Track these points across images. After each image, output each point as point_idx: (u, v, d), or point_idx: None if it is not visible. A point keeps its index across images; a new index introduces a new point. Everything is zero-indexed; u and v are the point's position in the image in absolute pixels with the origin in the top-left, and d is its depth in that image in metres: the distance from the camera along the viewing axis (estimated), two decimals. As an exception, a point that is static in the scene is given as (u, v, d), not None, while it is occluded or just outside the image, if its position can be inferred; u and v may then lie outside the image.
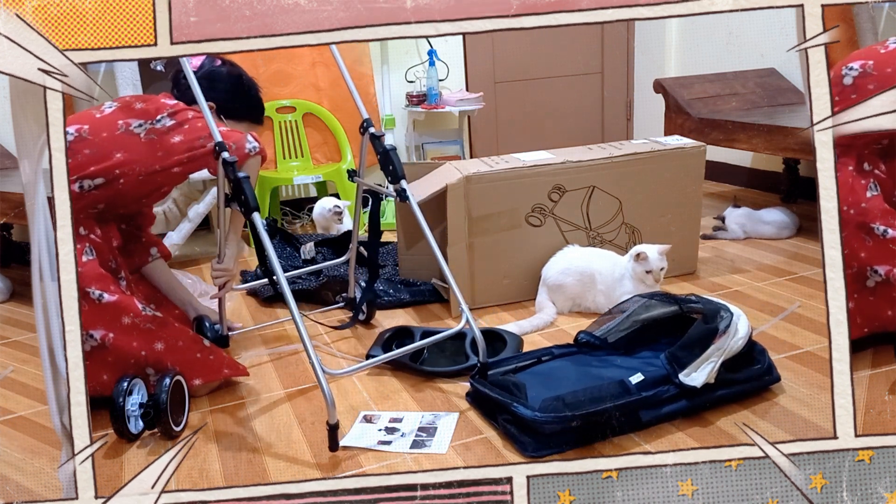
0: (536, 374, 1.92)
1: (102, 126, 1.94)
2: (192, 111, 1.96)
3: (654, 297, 2.06)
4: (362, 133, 2.15)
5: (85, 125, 1.93)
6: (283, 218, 3.97)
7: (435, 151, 4.05)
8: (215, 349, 1.99)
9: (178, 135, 1.94)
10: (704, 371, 1.73)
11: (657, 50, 4.25)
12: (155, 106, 1.98)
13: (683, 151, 2.65)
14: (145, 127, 1.94)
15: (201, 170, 1.99)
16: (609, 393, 1.69)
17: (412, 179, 2.64)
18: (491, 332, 2.22)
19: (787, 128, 3.00)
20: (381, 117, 3.94)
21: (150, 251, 2.21)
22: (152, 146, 1.93)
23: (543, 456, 1.61)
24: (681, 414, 1.72)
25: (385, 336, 2.23)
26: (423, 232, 1.99)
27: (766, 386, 1.82)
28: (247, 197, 1.76)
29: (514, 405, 1.68)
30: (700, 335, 1.78)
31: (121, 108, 1.98)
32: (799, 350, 2.01)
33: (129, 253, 2.17)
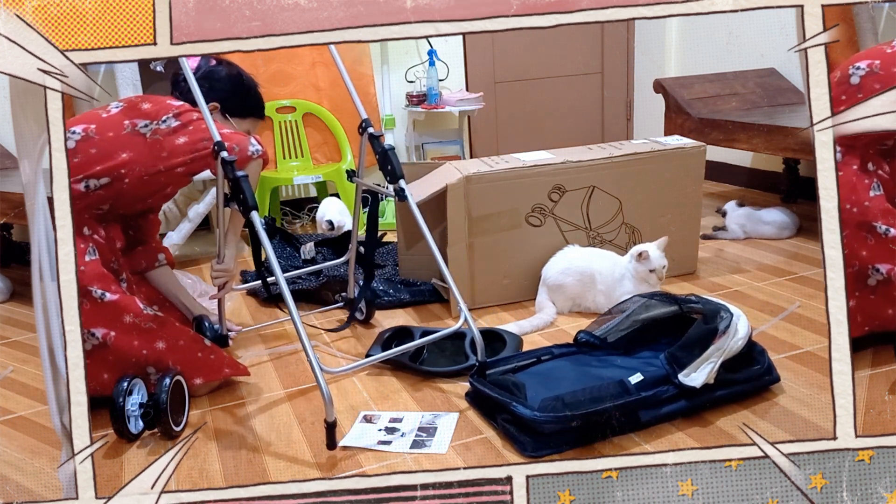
0: (536, 374, 1.92)
1: (109, 126, 1.94)
2: (196, 112, 1.96)
3: (653, 297, 2.06)
4: (361, 133, 2.15)
5: (92, 125, 1.94)
6: (283, 218, 3.98)
7: (435, 151, 4.05)
8: (216, 349, 1.99)
9: (183, 136, 1.94)
10: (704, 371, 1.73)
11: (657, 50, 4.24)
12: (161, 106, 1.99)
13: (683, 151, 2.65)
14: (151, 127, 1.94)
15: (204, 170, 1.99)
16: (608, 393, 1.69)
17: (412, 179, 2.64)
18: (490, 332, 2.22)
19: (787, 128, 3.00)
20: (381, 117, 3.94)
21: (158, 257, 2.22)
22: (156, 146, 1.94)
23: (543, 456, 1.61)
24: (680, 414, 1.72)
25: (385, 336, 2.23)
26: (422, 232, 1.99)
27: (766, 386, 1.82)
28: (245, 196, 1.76)
29: (514, 405, 1.68)
30: (700, 335, 1.78)
31: (127, 109, 1.99)
32: (799, 350, 2.01)
33: (136, 256, 2.17)
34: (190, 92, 1.86)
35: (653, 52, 4.31)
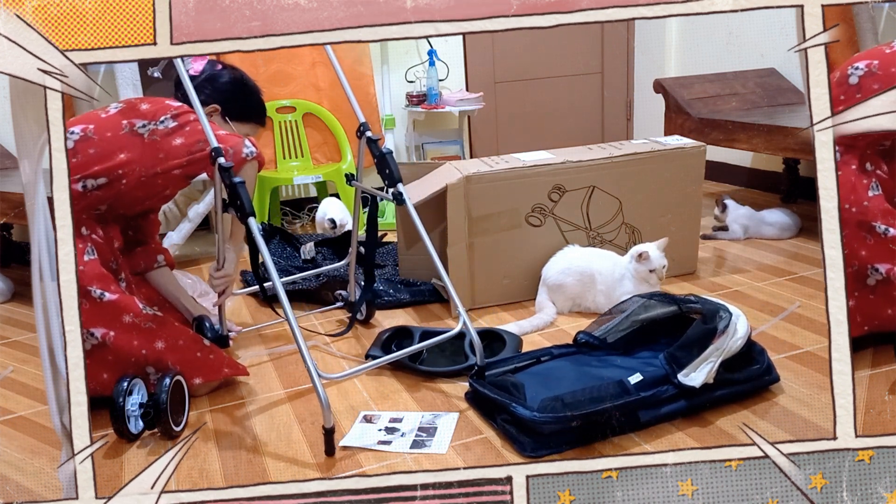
0: (535, 375, 1.92)
1: (107, 126, 1.94)
2: (194, 114, 1.96)
3: (653, 297, 2.06)
4: (359, 136, 2.15)
5: (90, 125, 1.94)
6: (283, 218, 3.98)
7: (435, 151, 4.05)
8: (215, 349, 1.99)
9: (180, 137, 1.94)
10: (703, 371, 1.73)
11: (657, 50, 4.24)
12: (159, 107, 1.98)
13: (683, 151, 2.65)
14: (149, 128, 1.94)
15: (201, 173, 1.99)
16: (608, 393, 1.68)
17: (412, 179, 2.64)
18: (490, 332, 2.22)
19: (787, 128, 3.00)
20: (381, 117, 3.94)
21: (157, 258, 2.22)
22: (154, 147, 1.93)
23: (542, 456, 1.61)
24: (680, 414, 1.72)
25: (384, 336, 2.23)
26: (420, 235, 1.99)
27: (766, 386, 1.81)
28: (242, 202, 1.76)
29: (513, 405, 1.68)
30: (699, 335, 1.77)
31: (126, 109, 1.99)
32: (799, 350, 2.01)
33: (135, 257, 2.17)
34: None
35: (653, 52, 4.31)
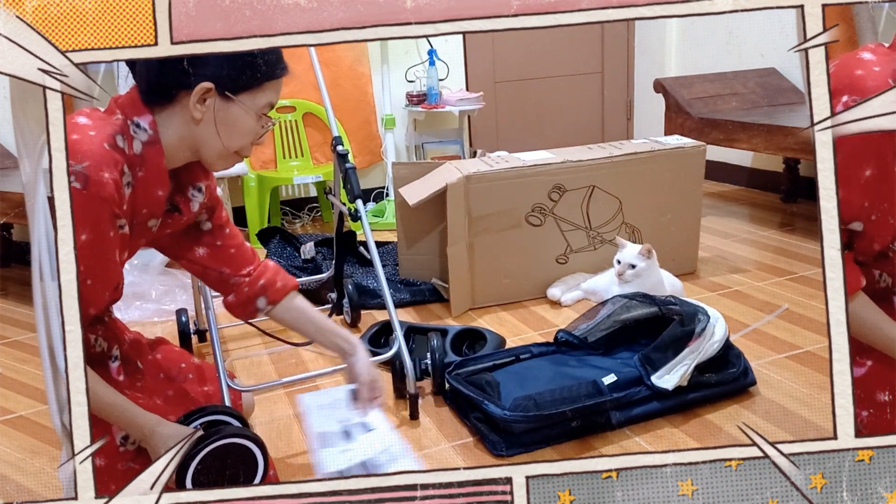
0: (512, 373, 1.91)
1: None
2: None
3: (634, 298, 2.05)
4: (333, 150, 2.20)
5: None
6: (283, 218, 3.97)
7: (435, 151, 4.05)
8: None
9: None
10: (677, 374, 1.72)
11: (657, 50, 4.25)
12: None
13: (683, 151, 2.65)
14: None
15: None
16: (580, 393, 1.68)
17: (412, 179, 2.64)
18: (473, 330, 2.23)
19: (787, 127, 3.00)
20: (381, 117, 3.94)
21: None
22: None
23: (514, 455, 1.61)
24: (651, 416, 1.72)
25: (370, 333, 2.25)
26: (372, 258, 2.07)
27: (742, 389, 1.81)
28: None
29: (486, 403, 1.67)
30: (674, 337, 1.77)
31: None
32: (799, 350, 2.01)
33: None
34: (154, 85, 1.35)
35: (653, 52, 4.31)
